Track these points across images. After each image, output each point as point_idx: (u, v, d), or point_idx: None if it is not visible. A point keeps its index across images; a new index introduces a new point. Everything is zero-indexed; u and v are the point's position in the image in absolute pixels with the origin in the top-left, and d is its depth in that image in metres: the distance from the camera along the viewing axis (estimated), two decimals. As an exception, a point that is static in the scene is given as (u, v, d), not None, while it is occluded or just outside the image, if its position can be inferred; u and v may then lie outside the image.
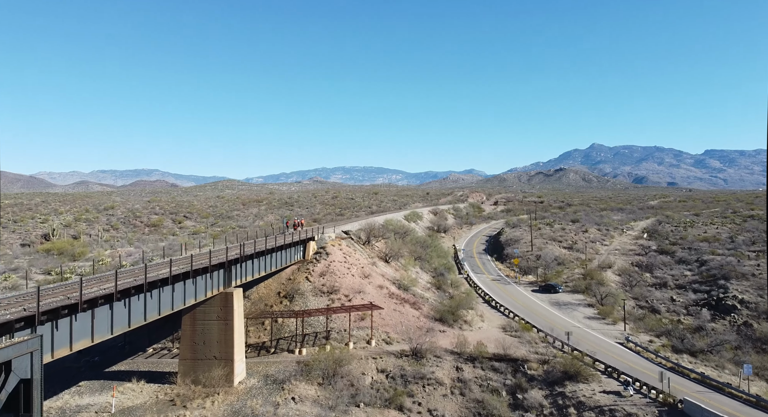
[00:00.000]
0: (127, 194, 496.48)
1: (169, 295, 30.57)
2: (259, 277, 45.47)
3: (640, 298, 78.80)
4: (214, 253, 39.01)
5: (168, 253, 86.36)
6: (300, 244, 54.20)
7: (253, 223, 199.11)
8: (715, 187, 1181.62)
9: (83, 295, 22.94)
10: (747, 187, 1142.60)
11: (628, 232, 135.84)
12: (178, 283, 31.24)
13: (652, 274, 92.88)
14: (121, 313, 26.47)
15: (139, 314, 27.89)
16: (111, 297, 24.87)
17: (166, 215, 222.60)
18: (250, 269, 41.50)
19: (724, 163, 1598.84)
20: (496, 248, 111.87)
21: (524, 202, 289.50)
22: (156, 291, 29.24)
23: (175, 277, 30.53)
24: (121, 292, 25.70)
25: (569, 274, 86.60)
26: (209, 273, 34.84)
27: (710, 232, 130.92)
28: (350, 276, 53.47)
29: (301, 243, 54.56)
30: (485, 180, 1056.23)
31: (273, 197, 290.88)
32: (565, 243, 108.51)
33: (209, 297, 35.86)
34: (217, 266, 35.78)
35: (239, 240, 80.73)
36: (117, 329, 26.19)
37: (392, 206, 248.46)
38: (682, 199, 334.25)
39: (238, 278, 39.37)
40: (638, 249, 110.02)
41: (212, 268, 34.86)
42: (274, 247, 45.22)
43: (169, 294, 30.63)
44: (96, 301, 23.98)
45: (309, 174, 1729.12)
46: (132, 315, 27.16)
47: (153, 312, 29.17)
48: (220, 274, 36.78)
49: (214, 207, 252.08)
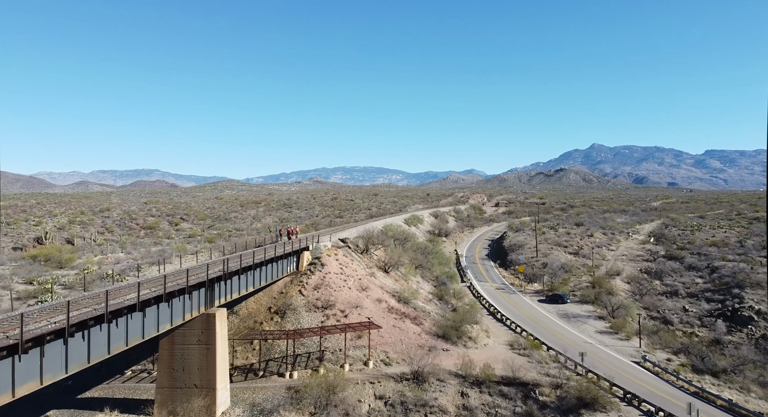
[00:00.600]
0: (126, 195, 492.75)
1: (138, 322, 27.06)
2: (247, 294, 41.94)
3: (651, 307, 75.30)
4: (194, 270, 35.50)
5: (158, 260, 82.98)
6: (293, 255, 50.69)
7: (250, 226, 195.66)
8: (715, 187, 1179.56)
9: (26, 334, 19.44)
10: (747, 187, 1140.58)
11: (634, 236, 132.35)
12: (150, 307, 27.74)
13: (662, 281, 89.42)
14: (79, 348, 22.97)
15: (101, 347, 24.39)
16: (63, 332, 21.36)
17: (163, 217, 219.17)
18: (236, 286, 37.96)
19: (725, 163, 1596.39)
20: (499, 254, 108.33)
21: (526, 203, 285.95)
22: (123, 318, 25.74)
23: (146, 302, 27.00)
24: (76, 324, 22.20)
25: (576, 281, 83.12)
26: (187, 294, 31.31)
27: (718, 236, 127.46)
28: (347, 289, 49.94)
29: (295, 254, 51.06)
30: (485, 180, 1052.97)
31: (272, 199, 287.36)
32: (571, 248, 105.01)
33: (188, 320, 32.34)
34: (196, 286, 32.26)
35: (233, 247, 77.27)
36: (73, 367, 22.68)
37: (392, 208, 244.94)
38: (685, 200, 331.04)
39: (221, 297, 35.83)
40: (646, 254, 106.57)
41: (190, 288, 31.33)
42: (264, 260, 41.68)
43: (139, 320, 27.12)
44: (43, 339, 20.47)
45: (309, 174, 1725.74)
46: (92, 348, 23.65)
47: (119, 342, 25.68)
48: (200, 294, 33.26)
49: (211, 209, 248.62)
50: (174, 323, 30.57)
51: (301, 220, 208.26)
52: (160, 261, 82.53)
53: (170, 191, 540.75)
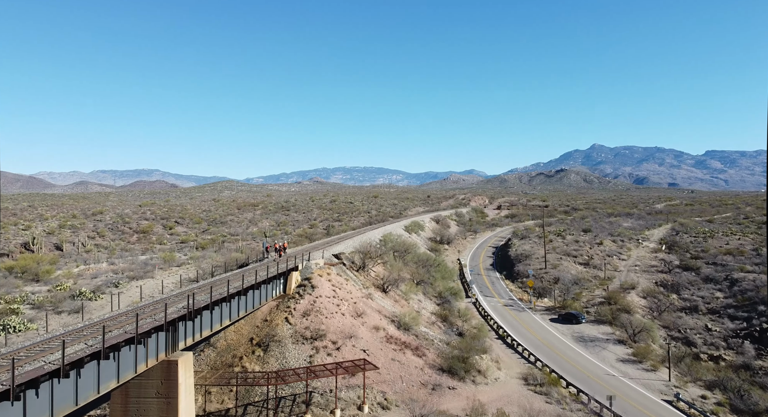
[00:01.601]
0: (125, 195, 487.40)
1: (68, 387, 21.39)
2: (222, 328, 36.24)
3: (671, 326, 69.60)
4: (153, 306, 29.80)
5: (141, 273, 77.29)
6: (279, 277, 45.02)
7: (246, 230, 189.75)
8: (716, 187, 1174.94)
9: None
10: (748, 188, 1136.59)
11: (645, 243, 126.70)
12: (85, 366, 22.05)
13: (680, 295, 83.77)
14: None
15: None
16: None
17: (157, 221, 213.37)
18: (207, 322, 32.23)
19: (725, 163, 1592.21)
20: (504, 264, 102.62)
21: (528, 206, 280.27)
22: (46, 384, 20.11)
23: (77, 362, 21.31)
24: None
25: (589, 296, 77.45)
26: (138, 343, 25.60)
27: (732, 243, 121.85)
28: (339, 315, 44.27)
29: (281, 275, 45.39)
30: (486, 181, 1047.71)
31: (269, 201, 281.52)
32: (581, 258, 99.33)
33: (142, 372, 26.66)
34: (152, 330, 26.56)
35: (220, 261, 71.48)
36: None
37: (392, 211, 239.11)
38: (688, 202, 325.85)
39: (187, 338, 30.13)
40: (660, 264, 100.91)
41: (142, 336, 25.63)
42: (241, 289, 35.98)
43: (70, 385, 21.46)
44: None
45: (309, 174, 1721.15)
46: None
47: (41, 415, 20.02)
48: (158, 338, 27.57)
49: (207, 211, 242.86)
50: (122, 379, 24.89)
51: (298, 225, 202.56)
52: (143, 274, 77.05)
53: (169, 192, 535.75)
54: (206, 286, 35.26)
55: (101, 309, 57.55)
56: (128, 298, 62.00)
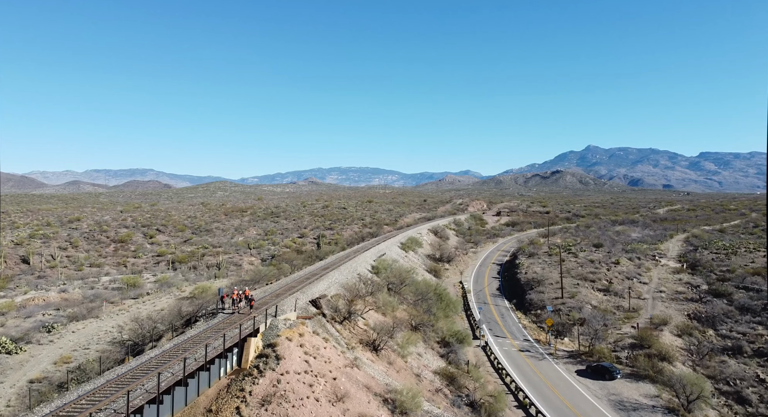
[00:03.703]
0: (116, 195, 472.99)
1: None
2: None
3: (718, 376, 58.50)
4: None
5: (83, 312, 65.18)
6: (232, 348, 33.39)
7: (230, 240, 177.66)
8: (710, 189, 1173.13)
9: None
10: (742, 189, 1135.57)
11: (663, 261, 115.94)
12: None
13: (716, 330, 72.78)
14: None
15: None
16: None
17: (138, 228, 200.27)
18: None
19: (719, 165, 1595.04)
20: (513, 289, 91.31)
21: (529, 212, 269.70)
22: None
23: None
24: None
25: (617, 335, 66.30)
26: None
27: (758, 260, 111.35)
28: (312, 402, 32.71)
29: (235, 345, 33.76)
30: (481, 182, 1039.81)
31: (259, 206, 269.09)
32: (599, 283, 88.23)
33: None
34: None
35: (174, 309, 59.90)
36: None
37: (387, 218, 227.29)
38: (691, 207, 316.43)
39: None
40: (686, 290, 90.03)
41: None
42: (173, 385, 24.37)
43: None
44: None
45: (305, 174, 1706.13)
46: None
47: None
48: None
49: (193, 218, 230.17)
50: None
51: (287, 233, 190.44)
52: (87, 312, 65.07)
53: (162, 193, 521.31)
54: (130, 374, 23.63)
55: (17, 369, 45.71)
56: (57, 350, 50.21)
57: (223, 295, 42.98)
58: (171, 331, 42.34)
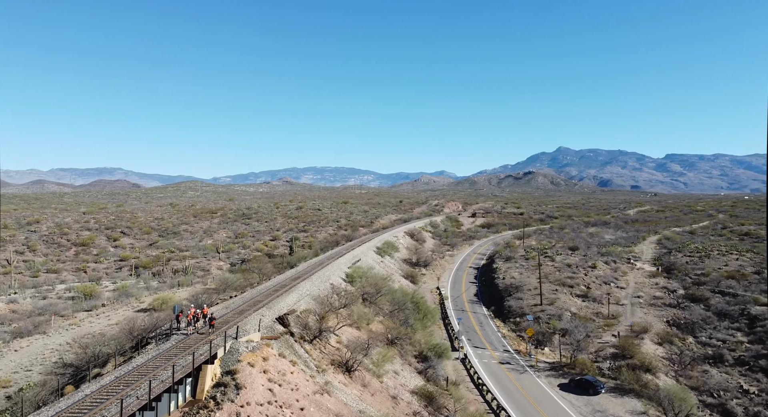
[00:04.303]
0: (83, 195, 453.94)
1: None
2: None
3: (701, 387, 57.09)
4: None
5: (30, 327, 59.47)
6: (185, 379, 29.33)
7: (198, 243, 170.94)
8: (676, 190, 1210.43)
9: None
10: (706, 190, 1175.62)
11: (638, 264, 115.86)
12: None
13: (696, 338, 71.88)
14: None
15: None
16: None
17: (101, 231, 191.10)
18: None
19: (684, 167, 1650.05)
20: (491, 295, 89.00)
21: (503, 214, 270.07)
22: None
23: None
24: None
25: (598, 344, 64.44)
26: None
27: (731, 263, 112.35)
28: (278, 437, 29.02)
29: (189, 375, 29.71)
30: (456, 182, 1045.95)
31: (230, 207, 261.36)
32: (578, 289, 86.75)
33: None
34: None
35: (126, 326, 55.08)
36: None
37: (363, 219, 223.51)
38: (660, 208, 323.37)
39: None
40: (664, 295, 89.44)
41: None
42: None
43: None
44: None
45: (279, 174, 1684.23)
46: None
47: None
48: None
49: (159, 220, 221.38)
50: None
51: (259, 236, 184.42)
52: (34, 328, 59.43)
53: (130, 192, 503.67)
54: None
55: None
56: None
57: (178, 313, 38.68)
58: (118, 355, 37.86)
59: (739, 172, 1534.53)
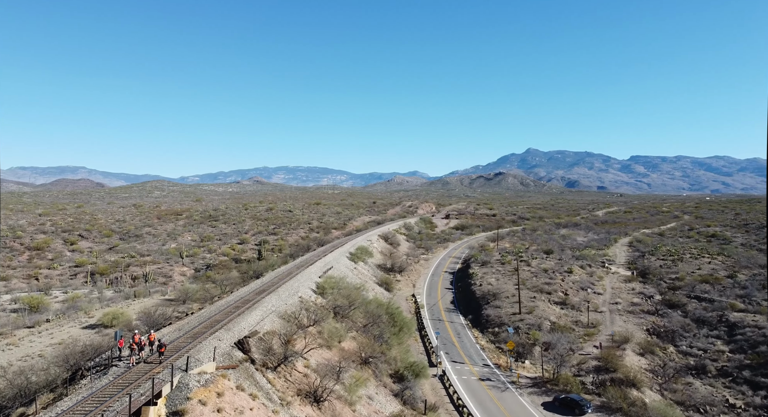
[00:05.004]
0: (43, 195, 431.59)
1: None
2: None
3: (687, 402, 55.08)
4: None
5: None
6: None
7: (161, 248, 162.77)
8: (640, 191, 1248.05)
9: None
10: (669, 191, 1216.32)
11: (613, 268, 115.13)
12: None
13: (677, 347, 70.39)
14: None
15: None
16: None
17: (58, 234, 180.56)
18: None
19: (648, 168, 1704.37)
20: (468, 302, 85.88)
21: (477, 215, 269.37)
22: None
23: None
24: None
25: (580, 358, 61.86)
26: None
27: (704, 267, 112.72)
28: None
29: None
30: (429, 183, 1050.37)
31: (197, 208, 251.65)
32: (555, 295, 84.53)
33: None
34: None
35: (62, 352, 49.29)
36: None
37: (335, 221, 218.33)
38: (627, 210, 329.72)
39: None
40: (641, 300, 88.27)
41: None
42: None
43: None
44: None
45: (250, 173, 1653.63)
46: None
47: None
48: None
49: (122, 222, 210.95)
50: None
51: (226, 239, 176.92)
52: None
53: (93, 192, 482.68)
54: None
55: None
56: None
57: (119, 340, 33.57)
58: (48, 390, 32.50)
59: (700, 173, 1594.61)
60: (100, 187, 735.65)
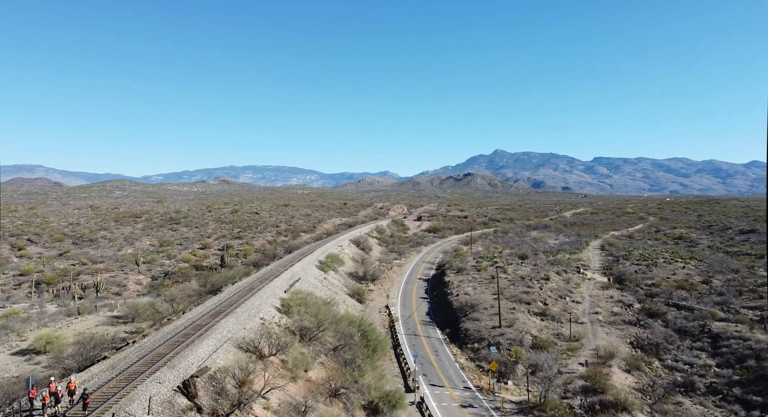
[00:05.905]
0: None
1: None
2: None
3: (678, 424, 51.89)
4: None
5: None
6: None
7: (117, 253, 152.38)
8: (603, 191, 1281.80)
9: None
10: (630, 192, 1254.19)
11: (588, 274, 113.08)
12: None
13: (662, 361, 67.62)
14: None
15: None
16: None
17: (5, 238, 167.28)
18: None
19: (610, 169, 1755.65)
20: (445, 314, 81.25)
21: (448, 217, 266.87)
22: None
23: None
24: None
25: (565, 377, 57.91)
26: None
27: (679, 272, 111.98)
28: None
29: None
30: (400, 183, 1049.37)
31: (157, 211, 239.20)
32: (535, 305, 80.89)
33: None
34: None
35: None
36: None
37: (305, 224, 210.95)
38: (594, 211, 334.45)
39: None
40: (621, 310, 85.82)
41: None
42: None
43: None
44: None
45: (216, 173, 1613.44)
46: None
47: None
48: None
49: (75, 225, 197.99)
50: None
51: (187, 243, 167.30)
52: None
53: (50, 192, 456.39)
54: None
55: None
56: None
57: (31, 390, 26.97)
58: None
59: (659, 174, 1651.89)
60: (57, 186, 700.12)
